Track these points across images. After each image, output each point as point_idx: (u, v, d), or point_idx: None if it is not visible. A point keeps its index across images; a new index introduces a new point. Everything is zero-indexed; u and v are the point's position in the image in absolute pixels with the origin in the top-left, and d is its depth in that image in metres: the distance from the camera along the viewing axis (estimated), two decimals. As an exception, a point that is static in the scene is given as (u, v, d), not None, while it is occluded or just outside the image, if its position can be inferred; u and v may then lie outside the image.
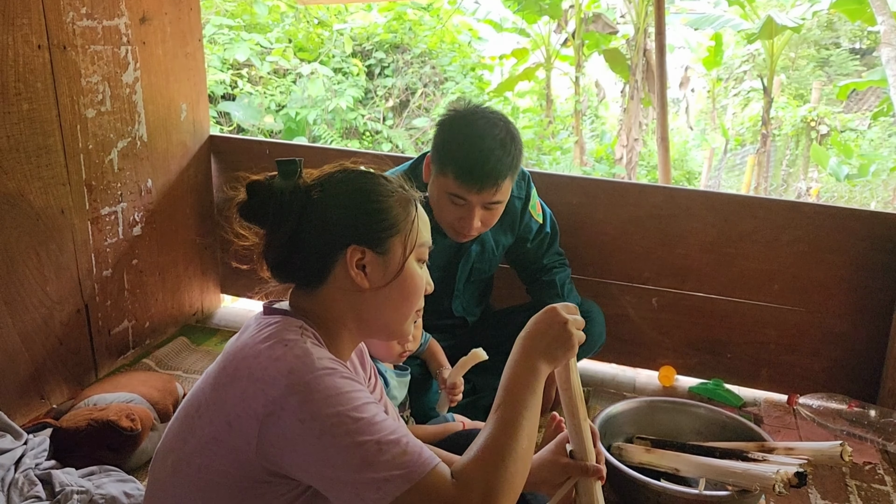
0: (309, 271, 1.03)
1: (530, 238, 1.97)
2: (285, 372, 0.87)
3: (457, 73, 7.31)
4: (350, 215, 1.01)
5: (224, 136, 2.83)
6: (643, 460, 1.67)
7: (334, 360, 0.93)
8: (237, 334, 1.04)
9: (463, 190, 1.64)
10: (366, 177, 1.05)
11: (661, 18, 4.30)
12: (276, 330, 0.95)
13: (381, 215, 1.02)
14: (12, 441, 1.66)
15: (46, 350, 1.94)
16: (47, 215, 1.88)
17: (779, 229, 2.15)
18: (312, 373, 0.87)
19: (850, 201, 7.08)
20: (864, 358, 2.17)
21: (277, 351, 0.91)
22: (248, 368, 0.90)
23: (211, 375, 0.97)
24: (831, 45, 9.00)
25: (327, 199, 1.02)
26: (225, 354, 0.99)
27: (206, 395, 0.95)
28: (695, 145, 8.62)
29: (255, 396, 0.87)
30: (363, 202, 1.02)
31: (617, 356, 2.39)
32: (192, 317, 2.60)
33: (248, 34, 6.54)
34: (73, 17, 1.88)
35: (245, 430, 0.87)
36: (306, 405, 0.85)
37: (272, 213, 1.01)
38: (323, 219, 1.01)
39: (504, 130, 1.66)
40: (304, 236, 1.01)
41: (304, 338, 0.94)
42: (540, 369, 1.03)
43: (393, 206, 1.03)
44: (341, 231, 1.01)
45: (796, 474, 1.41)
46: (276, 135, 6.68)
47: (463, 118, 1.69)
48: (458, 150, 1.64)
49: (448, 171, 1.65)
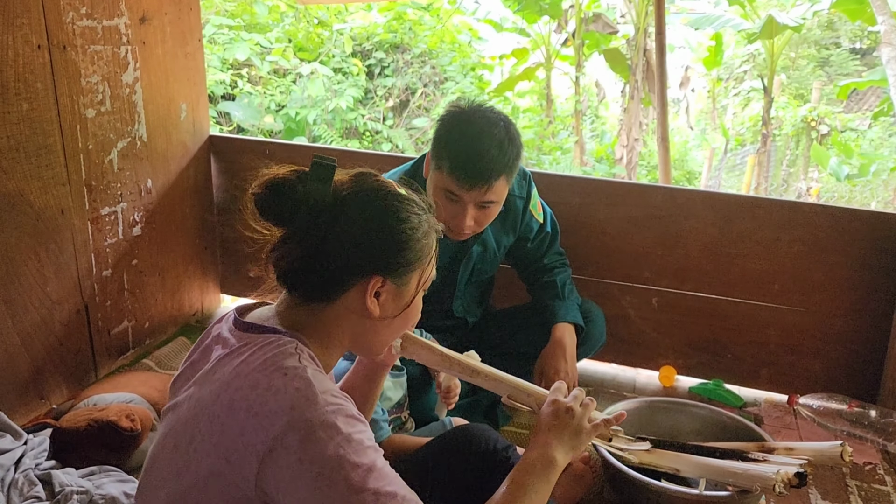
0: (320, 287, 0.98)
1: (531, 238, 1.97)
2: (287, 408, 0.84)
3: (457, 73, 7.31)
4: (380, 241, 0.97)
5: (224, 136, 2.83)
6: (643, 460, 1.67)
7: (337, 393, 0.89)
8: (218, 350, 0.97)
9: (455, 186, 1.63)
10: (399, 200, 1.00)
11: (661, 18, 4.30)
12: (272, 355, 0.90)
13: (409, 246, 0.99)
14: (12, 441, 1.66)
15: (46, 350, 1.94)
16: (47, 215, 1.88)
17: (779, 229, 2.15)
18: (315, 410, 0.84)
19: (851, 201, 7.07)
20: (864, 358, 2.17)
21: (277, 382, 0.87)
22: (247, 401, 0.86)
23: (204, 404, 0.91)
24: (831, 44, 8.99)
25: (359, 218, 0.96)
26: (217, 381, 0.92)
27: (202, 426, 0.89)
28: (695, 145, 8.62)
29: (255, 432, 0.84)
30: (396, 230, 0.98)
31: (617, 356, 2.39)
32: (192, 317, 2.59)
33: (248, 34, 6.54)
34: (73, 17, 1.88)
35: (244, 467, 0.84)
36: (307, 445, 0.83)
37: (299, 220, 0.95)
38: (351, 238, 0.96)
39: (503, 131, 1.65)
40: (327, 251, 0.95)
41: (303, 363, 0.90)
42: (557, 461, 1.06)
43: (420, 239, 1.00)
44: (368, 257, 0.97)
45: (796, 474, 1.40)
46: (276, 135, 6.68)
47: (464, 115, 1.68)
48: (454, 146, 1.64)
49: (443, 165, 1.64)
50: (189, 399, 0.94)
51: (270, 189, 0.94)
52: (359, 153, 2.79)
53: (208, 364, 0.96)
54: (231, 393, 0.88)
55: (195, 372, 0.98)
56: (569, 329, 1.89)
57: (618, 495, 1.67)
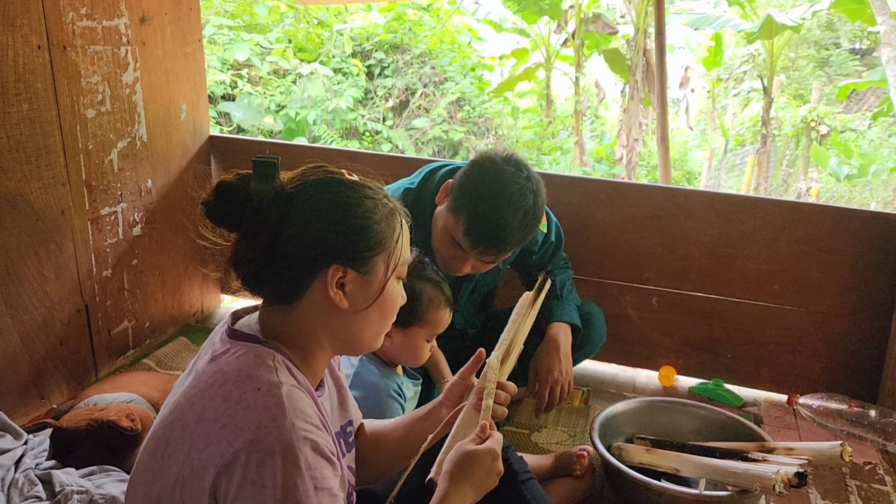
0: (282, 287, 0.96)
1: (536, 250, 1.95)
2: (253, 426, 0.82)
3: (457, 73, 7.31)
4: (333, 231, 0.94)
5: (224, 136, 2.83)
6: (643, 460, 1.67)
7: (310, 420, 0.86)
8: (207, 355, 0.96)
9: (465, 243, 1.60)
10: (349, 187, 0.97)
11: (661, 18, 4.30)
12: (247, 366, 0.89)
13: (365, 232, 0.95)
14: (12, 441, 1.66)
15: (46, 350, 1.94)
16: (47, 215, 1.88)
17: (779, 229, 2.15)
18: (280, 433, 0.82)
19: (850, 201, 7.08)
20: (864, 358, 2.17)
21: (248, 396, 0.85)
22: (216, 412, 0.85)
23: (181, 411, 0.90)
24: (831, 45, 9.00)
25: (308, 210, 0.94)
26: (194, 388, 0.91)
27: (176, 433, 0.88)
28: (695, 145, 8.63)
29: (218, 444, 0.83)
30: (347, 217, 0.95)
31: (617, 356, 2.39)
32: (192, 317, 2.60)
33: (248, 34, 6.55)
34: (73, 17, 1.88)
35: (204, 477, 0.83)
36: (262, 469, 0.81)
37: (246, 221, 0.92)
38: (302, 232, 0.93)
39: (531, 202, 1.59)
40: (281, 249, 0.93)
41: (280, 376, 0.88)
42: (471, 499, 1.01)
43: (379, 222, 0.97)
44: (322, 248, 0.94)
45: (796, 474, 1.41)
46: (276, 135, 6.68)
47: (498, 176, 1.59)
48: (477, 206, 1.57)
49: (460, 218, 1.59)
50: (171, 404, 0.94)
51: (216, 194, 0.93)
52: (359, 153, 2.80)
53: (193, 371, 0.96)
54: (204, 402, 0.87)
55: (189, 375, 0.98)
56: (564, 328, 1.88)
57: (618, 495, 1.67)
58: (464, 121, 7.20)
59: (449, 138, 6.92)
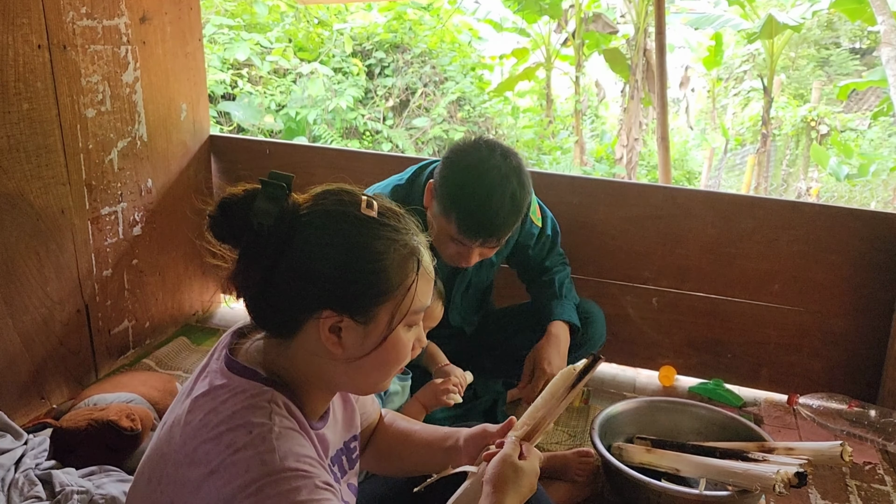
0: (277, 320, 0.90)
1: (532, 245, 1.95)
2: (242, 470, 0.80)
3: (457, 72, 7.31)
4: (333, 274, 0.85)
5: (224, 135, 2.83)
6: (643, 460, 1.67)
7: (304, 459, 0.83)
8: (205, 383, 0.90)
9: (465, 239, 1.59)
10: (363, 224, 0.88)
11: (661, 18, 4.30)
12: (241, 408, 0.85)
13: (372, 278, 0.86)
14: (12, 441, 1.67)
15: (46, 350, 1.94)
16: (47, 215, 1.88)
17: (779, 229, 2.15)
18: (270, 476, 0.79)
19: (850, 201, 7.08)
20: (864, 358, 2.17)
21: (239, 440, 0.82)
22: (207, 455, 0.82)
23: (174, 446, 0.86)
24: (831, 44, 9.00)
25: (311, 245, 0.86)
26: (189, 424, 0.86)
27: (168, 469, 0.85)
28: (695, 145, 8.63)
29: (209, 489, 0.80)
30: (352, 260, 0.86)
31: (617, 356, 2.39)
32: (192, 317, 2.59)
33: (248, 34, 6.54)
34: (73, 16, 1.88)
35: None
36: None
37: (245, 243, 0.86)
38: (300, 267, 0.86)
39: (515, 179, 1.57)
40: (276, 280, 0.86)
41: (273, 419, 0.84)
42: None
43: (388, 269, 0.87)
44: (319, 290, 0.86)
45: (796, 474, 1.40)
46: (277, 135, 6.68)
47: (475, 165, 1.57)
48: (464, 201, 1.56)
49: (451, 218, 1.58)
50: (167, 428, 0.90)
51: (220, 209, 0.87)
52: (359, 153, 2.79)
53: (190, 397, 0.91)
54: (196, 444, 0.84)
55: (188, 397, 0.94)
56: (563, 328, 1.88)
57: (618, 495, 1.67)
58: (464, 120, 7.20)
59: (449, 138, 6.92)
